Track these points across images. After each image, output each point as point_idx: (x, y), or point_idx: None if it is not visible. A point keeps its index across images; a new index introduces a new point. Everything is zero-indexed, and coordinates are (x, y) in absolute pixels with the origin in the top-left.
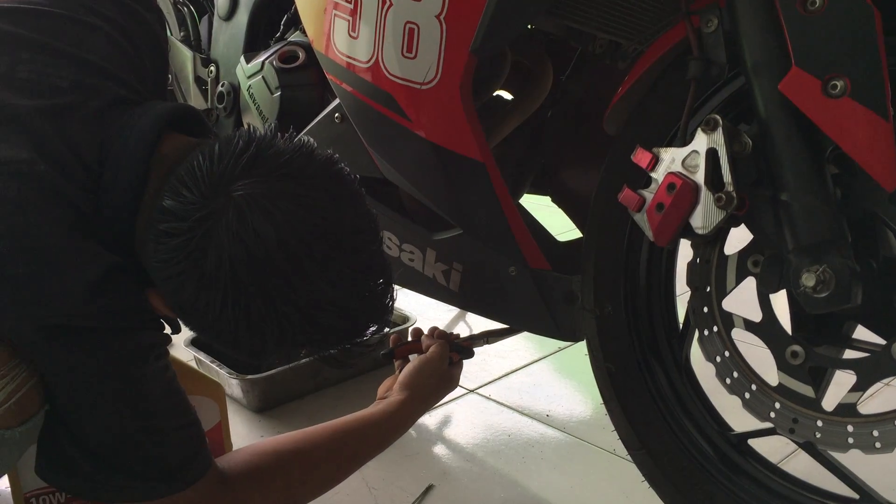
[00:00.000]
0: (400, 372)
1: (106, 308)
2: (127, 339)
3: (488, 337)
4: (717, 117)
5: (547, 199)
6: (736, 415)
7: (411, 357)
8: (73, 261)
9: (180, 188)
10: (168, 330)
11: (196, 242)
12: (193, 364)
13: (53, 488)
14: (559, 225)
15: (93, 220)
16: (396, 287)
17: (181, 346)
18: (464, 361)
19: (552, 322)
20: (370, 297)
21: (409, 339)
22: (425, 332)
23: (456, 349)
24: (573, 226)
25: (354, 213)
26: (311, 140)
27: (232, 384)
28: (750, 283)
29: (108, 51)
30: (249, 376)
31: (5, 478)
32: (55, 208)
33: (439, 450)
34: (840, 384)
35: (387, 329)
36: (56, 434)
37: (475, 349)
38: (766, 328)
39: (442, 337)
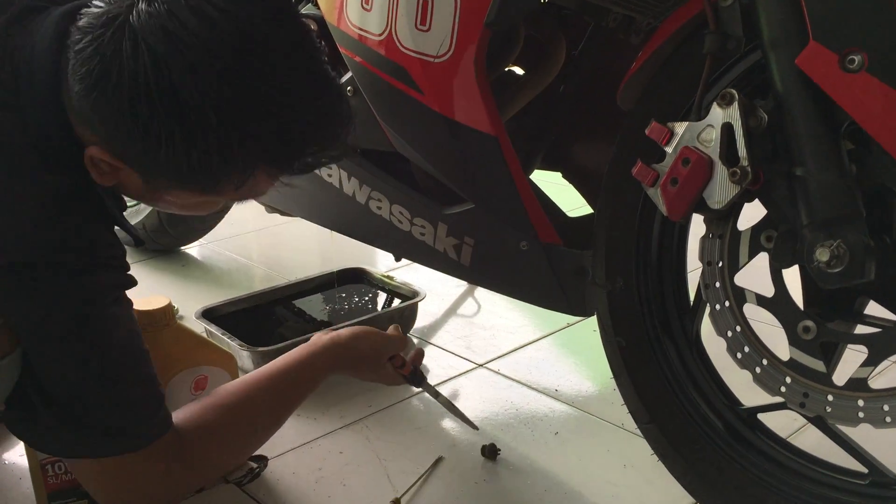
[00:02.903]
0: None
1: (56, 240)
2: (81, 276)
3: (438, 396)
4: (733, 91)
5: (555, 177)
6: (744, 391)
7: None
8: (15, 194)
9: (91, 7)
10: (132, 276)
11: (108, 39)
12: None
13: None
14: (567, 204)
15: (27, 137)
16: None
17: (192, 318)
18: (406, 375)
19: (563, 296)
20: (310, 91)
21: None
22: (434, 310)
23: (413, 374)
24: (580, 205)
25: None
26: None
27: (243, 356)
28: (761, 259)
29: None
30: (260, 348)
31: (20, 447)
32: None
33: (448, 423)
34: (850, 362)
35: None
36: (23, 380)
37: (424, 390)
38: (778, 303)
39: (415, 357)
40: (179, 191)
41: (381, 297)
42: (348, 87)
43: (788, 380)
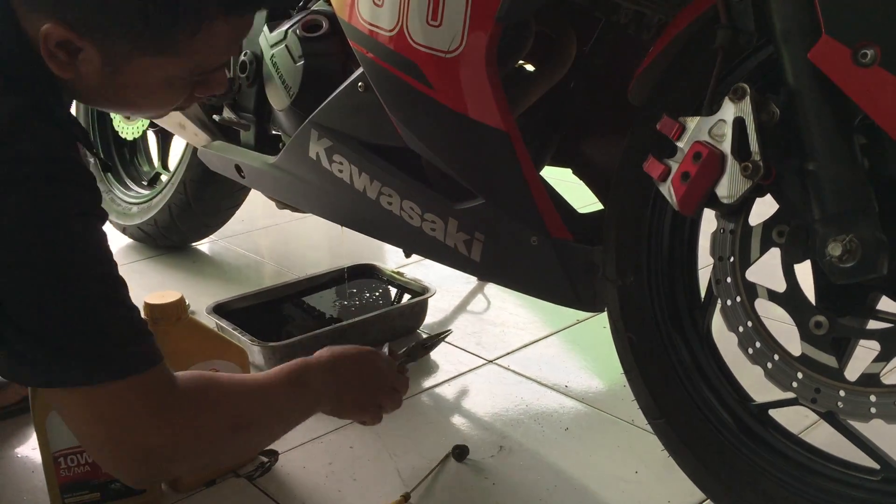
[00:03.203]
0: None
1: (15, 156)
2: (41, 190)
3: (421, 347)
4: (745, 86)
5: (565, 174)
6: (756, 387)
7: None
8: None
9: None
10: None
11: None
12: None
13: (81, 447)
14: (578, 201)
15: None
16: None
17: (203, 314)
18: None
19: (573, 292)
20: None
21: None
22: (444, 306)
23: (405, 358)
24: (591, 202)
25: None
26: None
27: (254, 351)
28: (772, 254)
29: None
30: (271, 343)
31: (33, 440)
32: None
33: (458, 418)
34: (862, 357)
35: None
36: None
37: (413, 359)
38: (790, 299)
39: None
40: (139, 59)
41: (391, 293)
42: (359, 84)
43: (800, 375)
